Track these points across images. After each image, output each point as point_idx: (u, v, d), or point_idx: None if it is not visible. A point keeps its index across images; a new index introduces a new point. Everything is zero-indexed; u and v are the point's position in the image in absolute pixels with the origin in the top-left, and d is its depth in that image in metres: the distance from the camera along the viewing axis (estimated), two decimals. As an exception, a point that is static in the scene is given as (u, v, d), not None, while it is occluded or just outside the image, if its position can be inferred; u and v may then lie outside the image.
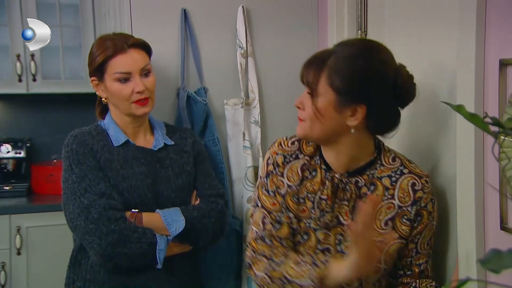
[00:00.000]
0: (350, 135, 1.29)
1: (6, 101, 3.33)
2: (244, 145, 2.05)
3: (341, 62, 1.26)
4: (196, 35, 2.06)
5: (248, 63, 2.08)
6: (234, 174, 2.08)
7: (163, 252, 1.58)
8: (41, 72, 3.02)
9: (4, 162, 3.07)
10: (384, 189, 1.32)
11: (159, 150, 1.71)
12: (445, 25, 1.44)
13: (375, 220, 1.30)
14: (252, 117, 2.10)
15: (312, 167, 1.37)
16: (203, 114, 2.01)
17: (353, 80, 1.25)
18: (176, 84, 2.04)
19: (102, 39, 1.68)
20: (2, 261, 2.74)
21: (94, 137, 1.67)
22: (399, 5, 1.70)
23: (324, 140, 1.34)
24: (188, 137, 1.80)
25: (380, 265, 1.30)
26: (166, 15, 2.03)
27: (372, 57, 1.27)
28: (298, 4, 2.14)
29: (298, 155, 1.39)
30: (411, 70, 1.30)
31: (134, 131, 1.72)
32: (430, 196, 1.34)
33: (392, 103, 1.29)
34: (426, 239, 1.35)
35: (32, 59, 2.98)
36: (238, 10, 2.07)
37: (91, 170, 1.59)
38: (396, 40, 1.68)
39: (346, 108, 1.26)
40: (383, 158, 1.35)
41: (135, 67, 1.63)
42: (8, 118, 3.34)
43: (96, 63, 1.63)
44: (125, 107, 1.66)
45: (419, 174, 1.34)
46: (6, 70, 3.02)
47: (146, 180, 1.65)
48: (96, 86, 1.69)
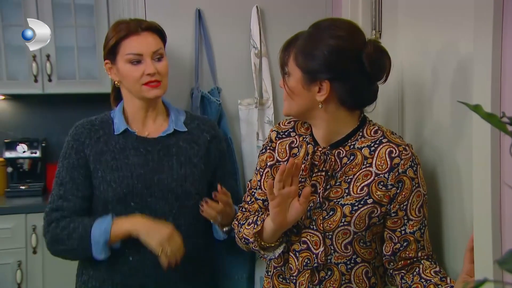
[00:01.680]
0: (325, 110, 1.36)
1: (22, 101, 3.37)
2: (258, 145, 2.06)
3: (304, 41, 1.35)
4: (210, 35, 2.07)
5: (262, 63, 2.08)
6: (247, 174, 2.09)
7: (100, 244, 1.58)
8: (56, 72, 3.05)
9: (20, 162, 3.11)
10: (363, 158, 1.37)
11: (167, 136, 1.70)
12: (460, 23, 1.43)
13: (353, 186, 1.35)
14: (266, 117, 2.10)
15: (299, 144, 1.46)
16: (216, 114, 2.01)
17: (313, 58, 1.32)
18: (190, 84, 2.05)
19: (117, 23, 1.69)
20: (18, 260, 2.78)
21: (95, 126, 1.70)
22: (413, 5, 1.69)
23: (302, 116, 1.43)
24: (206, 130, 1.77)
25: (349, 227, 1.34)
26: (180, 15, 2.04)
27: (330, 34, 1.33)
28: (312, 4, 2.14)
29: (291, 133, 1.50)
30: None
31: (145, 116, 1.71)
32: (409, 163, 1.34)
33: (360, 77, 1.33)
34: (415, 205, 1.36)
35: (47, 60, 3.01)
36: (252, 10, 2.07)
37: (68, 168, 1.67)
38: (410, 40, 1.68)
39: (312, 85, 1.34)
40: (365, 131, 1.40)
41: (147, 50, 1.63)
42: (24, 118, 3.38)
43: (110, 45, 1.64)
44: (136, 90, 1.65)
45: (397, 143, 1.36)
46: (22, 71, 3.06)
47: (137, 170, 1.64)
48: (109, 70, 1.69)
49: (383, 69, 1.35)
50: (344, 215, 1.35)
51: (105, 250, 1.59)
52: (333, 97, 1.34)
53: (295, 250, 1.42)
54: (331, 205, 1.37)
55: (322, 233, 1.37)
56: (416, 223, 1.37)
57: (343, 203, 1.35)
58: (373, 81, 1.36)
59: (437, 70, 1.53)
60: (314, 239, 1.38)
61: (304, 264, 1.40)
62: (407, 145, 1.37)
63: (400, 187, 1.34)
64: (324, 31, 1.34)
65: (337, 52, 1.31)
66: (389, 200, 1.35)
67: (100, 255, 1.59)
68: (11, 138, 3.22)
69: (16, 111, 3.40)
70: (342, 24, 1.38)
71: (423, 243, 1.38)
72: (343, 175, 1.38)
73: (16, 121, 3.37)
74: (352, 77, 1.33)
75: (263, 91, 2.10)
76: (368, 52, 1.31)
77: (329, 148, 1.40)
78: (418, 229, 1.37)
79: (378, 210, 1.35)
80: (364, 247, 1.39)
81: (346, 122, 1.40)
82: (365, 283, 1.40)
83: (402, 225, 1.37)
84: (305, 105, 1.37)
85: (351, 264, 1.39)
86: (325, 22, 1.39)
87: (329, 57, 1.31)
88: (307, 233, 1.39)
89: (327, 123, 1.39)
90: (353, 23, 1.39)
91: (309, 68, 1.33)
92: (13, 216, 2.79)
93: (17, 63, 3.06)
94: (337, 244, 1.38)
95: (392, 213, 1.36)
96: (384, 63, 1.34)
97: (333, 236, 1.37)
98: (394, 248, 1.38)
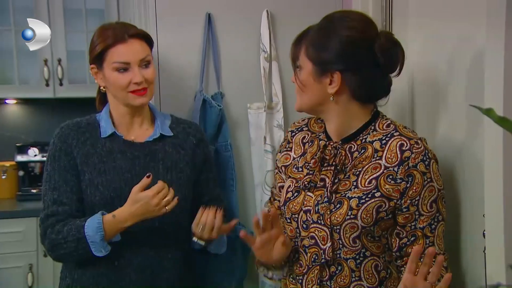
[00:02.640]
0: (336, 103, 1.36)
1: (34, 105, 3.40)
2: (265, 149, 2.06)
3: (315, 33, 1.36)
4: (220, 39, 2.07)
5: (272, 67, 2.08)
6: (256, 178, 2.09)
7: (97, 243, 1.56)
8: (67, 76, 3.07)
9: (31, 166, 3.13)
10: (373, 151, 1.35)
11: (154, 141, 1.69)
12: (472, 21, 1.42)
13: (361, 179, 1.34)
14: (275, 121, 2.10)
15: (311, 139, 1.47)
16: (216, 119, 2.00)
17: (324, 49, 1.32)
18: (195, 87, 2.05)
19: (103, 28, 1.67)
20: (29, 263, 2.80)
21: (81, 128, 1.69)
22: (424, 5, 1.69)
23: (313, 111, 1.43)
24: (191, 133, 1.76)
25: (356, 221, 1.32)
26: (190, 19, 2.05)
27: (343, 25, 1.33)
28: (323, 8, 2.10)
29: (303, 128, 1.51)
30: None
31: (131, 121, 1.70)
32: (421, 157, 1.31)
33: (372, 69, 1.32)
34: (427, 199, 1.32)
35: (59, 64, 3.04)
36: (263, 14, 2.08)
37: (59, 171, 1.64)
38: (421, 39, 1.67)
39: (323, 77, 1.33)
40: (377, 125, 1.39)
41: (134, 58, 1.61)
42: (35, 122, 3.40)
43: (96, 52, 1.62)
44: (123, 97, 1.64)
45: (409, 137, 1.34)
46: (34, 75, 3.09)
47: (125, 174, 1.64)
48: (95, 74, 1.68)
49: (396, 61, 1.34)
50: (350, 208, 1.33)
51: (103, 246, 1.57)
52: (345, 89, 1.33)
53: (304, 246, 1.41)
54: (338, 197, 1.35)
55: (330, 228, 1.35)
56: (427, 218, 1.33)
57: (350, 196, 1.34)
58: (385, 73, 1.35)
59: (449, 68, 1.53)
60: (322, 234, 1.37)
61: (312, 260, 1.38)
62: (420, 139, 1.34)
63: (410, 181, 1.31)
64: (336, 23, 1.34)
65: (349, 43, 1.31)
66: (400, 194, 1.31)
67: (100, 252, 1.58)
68: (22, 142, 3.25)
69: (28, 115, 3.42)
70: (354, 15, 1.38)
71: (432, 239, 1.34)
72: (352, 168, 1.36)
73: (27, 125, 3.39)
74: (364, 68, 1.32)
75: (272, 95, 2.10)
76: (381, 43, 1.30)
77: (340, 143, 1.40)
78: (429, 224, 1.33)
79: (386, 204, 1.32)
80: (373, 241, 1.37)
81: (358, 116, 1.39)
82: (374, 277, 1.37)
83: (413, 220, 1.33)
84: (316, 99, 1.37)
85: (360, 258, 1.37)
86: (336, 14, 1.40)
87: (340, 47, 1.31)
88: (315, 228, 1.38)
89: (338, 117, 1.38)
90: (365, 15, 1.39)
91: (320, 59, 1.33)
92: (24, 220, 2.80)
93: (28, 68, 3.09)
94: (345, 239, 1.35)
95: (404, 208, 1.32)
96: (397, 54, 1.34)
97: (341, 230, 1.35)
98: (400, 243, 1.35)
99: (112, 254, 1.60)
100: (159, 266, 1.65)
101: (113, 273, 1.63)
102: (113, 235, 1.58)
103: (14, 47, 3.02)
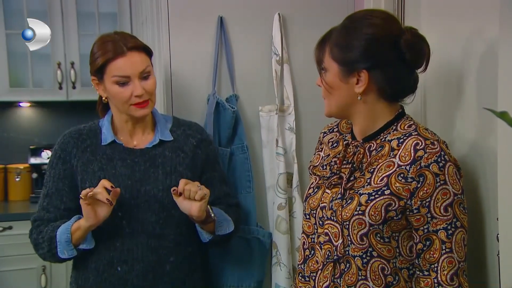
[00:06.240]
0: (364, 102, 1.36)
1: (47, 108, 3.43)
2: (277, 151, 2.05)
3: (338, 34, 1.36)
4: (232, 42, 2.08)
5: (284, 70, 2.08)
6: (268, 181, 2.09)
7: (62, 244, 1.58)
8: (80, 79, 3.10)
9: (44, 168, 3.13)
10: (389, 150, 1.35)
11: (153, 147, 1.71)
12: (485, 17, 1.41)
13: (374, 176, 1.34)
14: (287, 124, 2.10)
15: (337, 139, 1.49)
16: (231, 121, 2.00)
17: (349, 48, 1.32)
18: (208, 90, 2.06)
19: (102, 40, 1.67)
20: (42, 265, 2.82)
21: (82, 136, 1.71)
22: (436, 4, 1.68)
23: (343, 114, 1.42)
24: (192, 135, 1.77)
25: (363, 217, 1.31)
26: (203, 22, 2.05)
27: (366, 23, 1.32)
28: (335, 11, 2.13)
29: (334, 129, 1.54)
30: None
31: (133, 128, 1.72)
32: (434, 157, 1.28)
33: (398, 65, 1.32)
34: (439, 202, 1.29)
35: (72, 67, 3.06)
36: (274, 17, 2.08)
37: (54, 178, 1.69)
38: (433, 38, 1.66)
39: (350, 76, 1.33)
40: (399, 125, 1.38)
41: (134, 71, 1.62)
42: (49, 125, 3.43)
43: (96, 65, 1.63)
44: (124, 109, 1.66)
45: (426, 137, 1.33)
46: (47, 78, 3.12)
47: (125, 181, 1.65)
48: (97, 86, 1.69)
49: (423, 55, 1.34)
50: (359, 203, 1.32)
51: (68, 249, 1.59)
52: (372, 88, 1.33)
53: (320, 242, 1.41)
54: (351, 193, 1.36)
55: (341, 224, 1.35)
56: (441, 221, 1.30)
57: (362, 192, 1.33)
58: (412, 68, 1.35)
59: (462, 66, 1.51)
60: (334, 231, 1.37)
61: (326, 257, 1.38)
62: (437, 140, 1.32)
63: (421, 181, 1.29)
64: (358, 21, 1.34)
65: (374, 40, 1.30)
66: (409, 194, 1.29)
67: (63, 254, 1.60)
68: (36, 144, 3.27)
69: (41, 118, 3.45)
70: (377, 13, 1.38)
71: (450, 246, 1.30)
72: (368, 165, 1.36)
73: (41, 128, 3.42)
74: (390, 65, 1.32)
75: (284, 98, 2.10)
76: (406, 38, 1.30)
77: (361, 142, 1.40)
78: (444, 228, 1.30)
79: (396, 203, 1.30)
80: (382, 242, 1.34)
81: (383, 115, 1.38)
82: (381, 279, 1.35)
83: (425, 223, 1.31)
84: (344, 100, 1.37)
85: (367, 257, 1.35)
86: (359, 13, 1.40)
87: (366, 46, 1.30)
88: (329, 225, 1.38)
89: (365, 117, 1.38)
90: (388, 12, 1.40)
91: (346, 59, 1.32)
92: (37, 222, 2.82)
93: (42, 71, 3.12)
94: (353, 235, 1.34)
95: (414, 210, 1.30)
96: (423, 49, 1.33)
97: (350, 226, 1.34)
98: (417, 249, 1.33)
99: (115, 260, 1.63)
100: (161, 270, 1.66)
101: (117, 278, 1.65)
102: (80, 239, 1.60)
103: (28, 51, 3.03)
